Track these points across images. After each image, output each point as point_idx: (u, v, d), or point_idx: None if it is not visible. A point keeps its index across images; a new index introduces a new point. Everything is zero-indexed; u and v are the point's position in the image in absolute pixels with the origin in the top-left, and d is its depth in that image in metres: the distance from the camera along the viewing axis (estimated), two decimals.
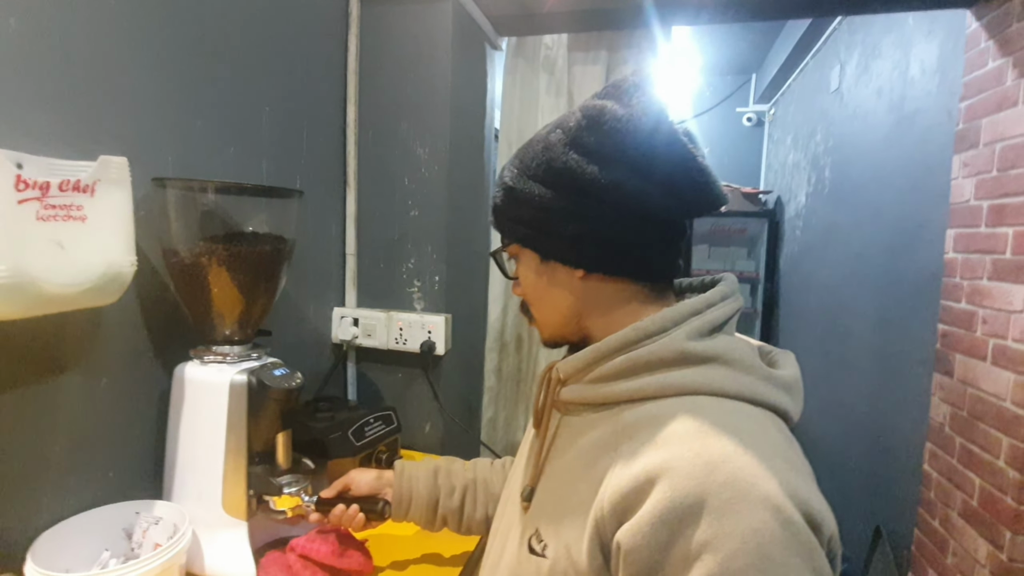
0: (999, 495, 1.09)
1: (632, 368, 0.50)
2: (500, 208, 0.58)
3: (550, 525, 0.52)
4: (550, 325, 0.59)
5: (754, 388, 0.48)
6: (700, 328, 0.50)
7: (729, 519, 0.39)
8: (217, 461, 0.82)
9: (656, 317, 0.50)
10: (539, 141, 0.55)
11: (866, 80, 2.23)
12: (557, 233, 0.54)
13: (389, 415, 1.11)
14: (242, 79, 0.99)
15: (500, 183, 0.58)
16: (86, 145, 0.72)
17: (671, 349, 0.49)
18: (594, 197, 0.51)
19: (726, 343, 0.50)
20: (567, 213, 0.52)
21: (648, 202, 0.51)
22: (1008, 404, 1.08)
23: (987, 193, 1.19)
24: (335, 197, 1.29)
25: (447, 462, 0.84)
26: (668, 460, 0.43)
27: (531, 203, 0.54)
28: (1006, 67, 1.14)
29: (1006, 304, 1.11)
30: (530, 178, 0.54)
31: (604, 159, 0.50)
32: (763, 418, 0.48)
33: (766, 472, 0.41)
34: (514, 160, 0.57)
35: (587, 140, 0.51)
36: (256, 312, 0.87)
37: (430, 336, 1.25)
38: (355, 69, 1.28)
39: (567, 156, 0.51)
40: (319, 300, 1.27)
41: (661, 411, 0.47)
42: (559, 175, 0.52)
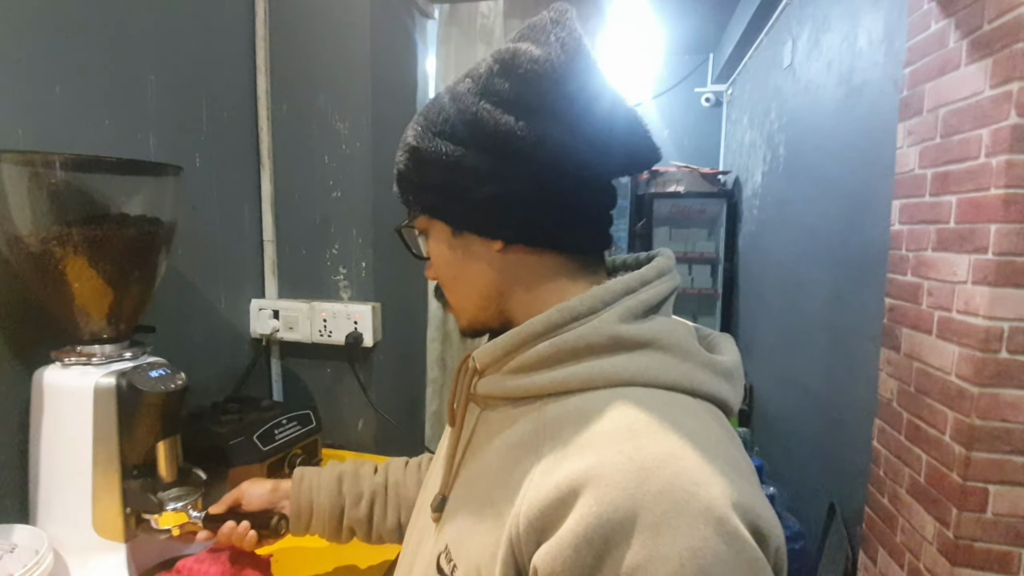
0: (945, 471, 1.07)
1: (556, 355, 0.43)
2: (403, 174, 0.50)
3: (461, 543, 0.44)
4: (467, 309, 0.52)
5: (693, 377, 0.42)
6: (634, 309, 0.43)
7: (665, 537, 0.33)
8: (85, 477, 0.71)
9: (584, 296, 0.43)
10: (446, 92, 0.47)
11: (817, 54, 2.20)
12: (470, 198, 0.46)
13: (307, 414, 1.01)
14: (117, 41, 0.87)
15: (403, 144, 0.50)
16: None
17: (601, 333, 0.42)
18: (511, 153, 0.44)
19: (662, 325, 0.43)
20: (481, 173, 0.45)
21: (575, 157, 0.44)
22: (953, 378, 1.05)
23: (931, 161, 1.15)
24: (247, 178, 1.18)
25: (354, 466, 0.75)
26: (594, 466, 0.36)
27: (438, 164, 0.46)
28: (948, 28, 1.10)
29: (950, 275, 1.07)
30: (436, 135, 0.46)
31: (521, 108, 0.43)
32: (703, 411, 0.42)
33: (707, 478, 0.35)
34: (418, 117, 0.49)
35: (500, 87, 0.44)
36: (128, 305, 0.76)
37: (356, 327, 1.16)
38: (264, 35, 1.16)
39: (478, 106, 0.44)
40: (233, 291, 1.16)
41: (588, 405, 0.41)
42: (469, 128, 0.45)
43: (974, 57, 1.01)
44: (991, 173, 0.97)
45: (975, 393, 0.99)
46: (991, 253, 0.96)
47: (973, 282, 1.00)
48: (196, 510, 0.74)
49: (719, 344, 0.49)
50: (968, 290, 1.02)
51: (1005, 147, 0.93)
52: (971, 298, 1.01)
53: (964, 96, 1.04)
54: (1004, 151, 0.94)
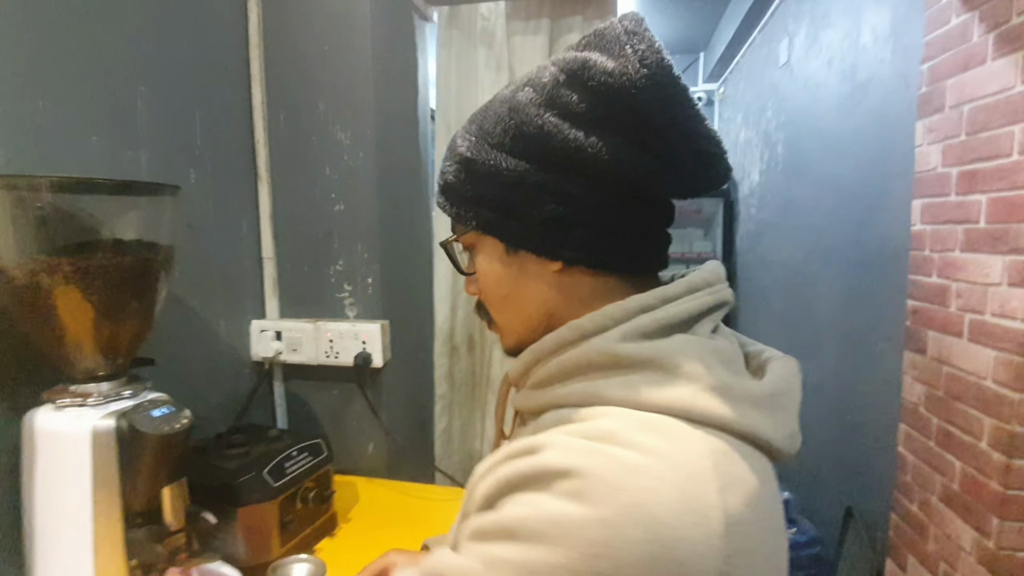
0: (983, 479, 1.03)
1: (561, 372, 0.43)
2: (453, 186, 0.47)
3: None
4: (516, 330, 0.50)
5: (691, 400, 0.37)
6: (643, 328, 0.41)
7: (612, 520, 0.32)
8: (85, 528, 0.65)
9: (596, 314, 0.42)
10: (503, 102, 0.45)
11: (816, 51, 2.18)
12: (530, 216, 0.44)
13: (317, 443, 0.95)
14: (105, 52, 0.81)
15: (453, 154, 0.47)
16: None
17: (600, 351, 0.41)
18: (578, 170, 0.42)
19: (672, 345, 0.40)
20: (543, 190, 0.43)
21: (647, 177, 0.42)
22: (989, 383, 1.02)
23: (956, 159, 1.11)
24: (245, 193, 1.11)
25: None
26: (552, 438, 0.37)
27: (496, 179, 0.44)
28: (971, 22, 1.06)
29: (982, 276, 1.04)
30: (493, 147, 0.44)
31: (590, 122, 0.41)
32: (697, 440, 0.36)
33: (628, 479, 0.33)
34: (470, 126, 0.47)
35: (568, 99, 0.41)
36: (126, 339, 0.69)
37: (365, 347, 1.10)
38: (258, 43, 1.10)
39: (542, 119, 0.42)
40: (233, 313, 1.10)
41: (572, 414, 0.40)
42: (532, 142, 0.42)
43: (1002, 51, 0.98)
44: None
45: (1015, 399, 0.96)
46: None
47: (1009, 284, 0.97)
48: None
49: (770, 369, 0.44)
50: (1004, 292, 0.98)
51: None
52: (1007, 301, 0.97)
53: (992, 92, 1.01)
54: None
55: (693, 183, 0.45)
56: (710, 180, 0.45)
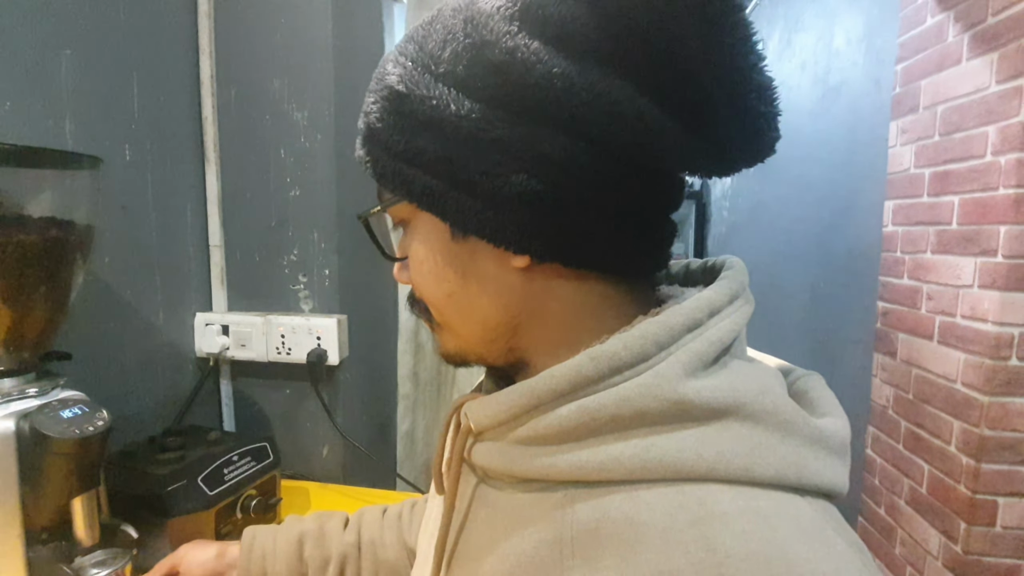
0: (951, 483, 1.02)
1: (588, 425, 0.28)
2: (378, 134, 0.32)
3: None
4: (460, 335, 0.36)
5: (801, 463, 0.27)
6: (702, 354, 0.28)
7: None
8: None
9: (630, 336, 0.28)
10: (456, 11, 0.30)
11: (789, 54, 2.19)
12: (487, 187, 0.30)
13: (263, 447, 0.87)
14: (21, 5, 0.72)
15: (377, 85, 0.32)
16: None
17: (659, 395, 0.27)
18: (562, 123, 0.28)
19: (746, 380, 0.29)
20: (508, 150, 0.29)
21: (661, 140, 0.29)
22: (959, 386, 1.01)
23: (929, 160, 1.11)
24: (190, 174, 1.02)
25: (318, 523, 0.62)
26: None
27: (439, 127, 0.29)
28: (946, 22, 1.06)
29: (953, 279, 1.03)
30: (437, 78, 0.30)
31: (588, 51, 0.27)
32: (823, 521, 0.27)
33: None
34: (406, 45, 0.32)
35: (557, 10, 0.27)
36: (32, 328, 0.61)
37: (319, 343, 1.02)
38: (208, 11, 1.01)
39: (514, 40, 0.27)
40: (174, 305, 1.01)
41: (643, 515, 0.26)
42: (497, 75, 0.28)
43: (977, 51, 0.97)
44: (999, 172, 0.92)
45: (984, 402, 0.95)
46: (1001, 256, 0.92)
47: (980, 286, 0.96)
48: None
49: (814, 395, 0.33)
50: (975, 294, 0.97)
51: (1016, 144, 0.89)
52: (978, 303, 0.97)
53: (966, 92, 1.00)
54: (1014, 149, 0.89)
55: (725, 155, 0.31)
56: (748, 152, 0.31)
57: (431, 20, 0.32)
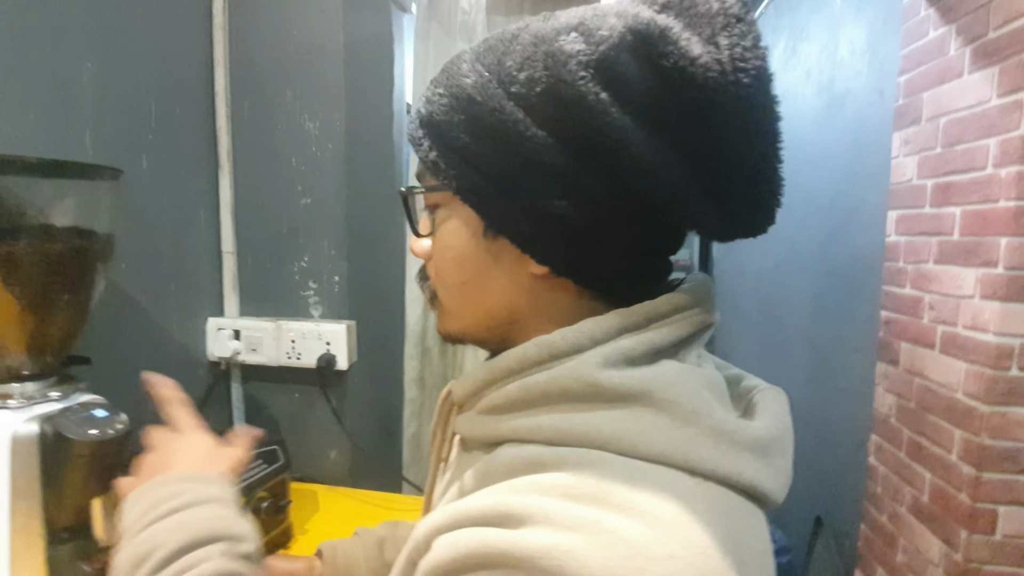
0: (952, 491, 1.03)
1: (525, 399, 0.34)
2: (439, 125, 0.36)
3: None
4: (464, 319, 0.41)
5: (690, 448, 0.31)
6: (627, 352, 0.33)
7: None
8: (1, 543, 0.59)
9: (570, 330, 0.34)
10: (538, 40, 0.33)
11: (794, 63, 2.20)
12: (531, 203, 0.34)
13: (274, 450, 0.89)
14: (47, 22, 0.74)
15: (451, 83, 0.35)
16: None
17: (577, 378, 0.33)
18: (610, 166, 0.32)
19: (663, 375, 0.33)
20: (559, 177, 0.33)
21: (685, 202, 0.33)
22: (960, 396, 1.02)
23: (931, 171, 1.12)
24: (204, 182, 1.05)
25: (391, 529, 0.65)
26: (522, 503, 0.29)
27: (503, 140, 0.33)
28: (948, 36, 1.07)
29: (955, 289, 1.04)
30: (511, 96, 0.33)
31: (643, 111, 0.31)
32: (698, 499, 0.30)
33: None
34: (484, 53, 0.35)
35: (627, 69, 0.30)
36: (56, 334, 0.63)
37: (329, 348, 1.04)
38: (223, 24, 1.04)
39: (588, 87, 0.30)
40: (187, 310, 1.03)
41: (546, 457, 0.31)
42: (566, 112, 0.31)
43: (978, 65, 0.98)
44: (1000, 184, 0.94)
45: (985, 412, 0.96)
46: (1002, 267, 0.93)
47: (982, 297, 0.97)
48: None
49: (761, 404, 0.37)
50: (976, 305, 0.99)
51: (1016, 158, 0.90)
52: (979, 313, 0.98)
53: (968, 105, 1.01)
54: (1015, 162, 0.91)
55: (731, 224, 0.36)
56: (749, 226, 0.36)
57: (512, 38, 0.35)
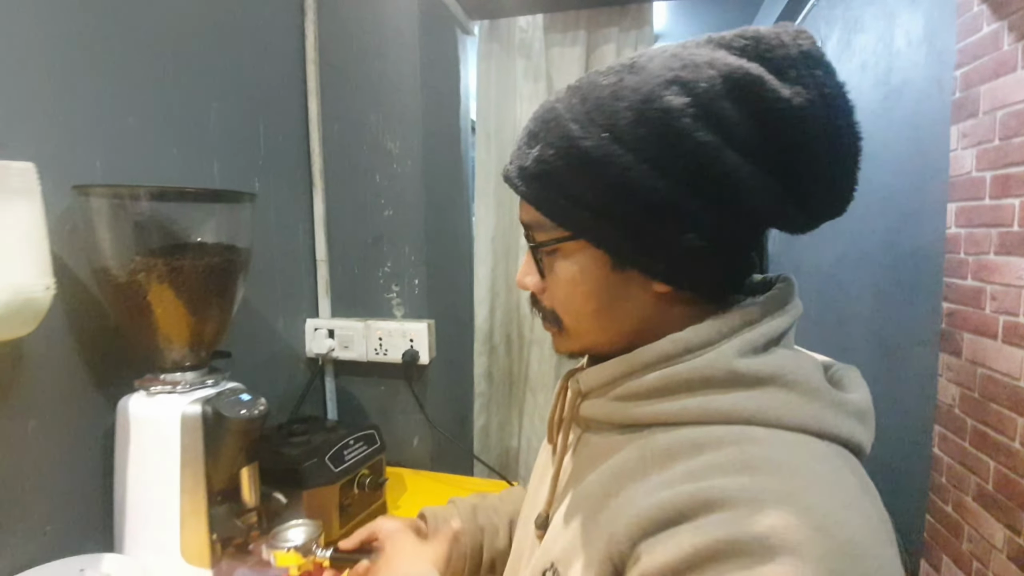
0: (1015, 478, 1.04)
1: (667, 387, 0.40)
2: (558, 181, 0.40)
3: (567, 562, 0.43)
4: (592, 339, 0.46)
5: (821, 418, 0.38)
6: (754, 342, 0.39)
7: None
8: (173, 504, 0.72)
9: (700, 327, 0.40)
10: (646, 99, 0.36)
11: (849, 55, 2.18)
12: (659, 242, 0.39)
13: (371, 434, 1.01)
14: (183, 71, 0.89)
15: (564, 142, 0.39)
16: None
17: (717, 367, 0.39)
18: (722, 199, 0.37)
19: (785, 360, 0.40)
20: (683, 217, 0.38)
21: (782, 215, 0.39)
22: (1022, 383, 1.03)
23: (989, 164, 1.13)
24: (301, 199, 1.19)
25: (482, 500, 0.72)
26: (705, 491, 0.34)
27: (628, 187, 0.37)
28: (1002, 31, 1.08)
29: (1016, 279, 1.05)
30: (631, 150, 0.37)
31: (745, 148, 0.36)
32: (834, 457, 0.37)
33: (832, 523, 0.32)
34: (593, 113, 0.38)
35: (728, 114, 0.36)
36: (209, 332, 0.77)
37: (412, 345, 1.16)
38: (314, 58, 1.17)
39: (701, 135, 0.35)
40: (289, 312, 1.17)
41: (703, 438, 0.38)
42: (683, 161, 0.36)
43: None
44: None
45: None
46: None
47: None
48: (319, 547, 0.69)
49: (847, 379, 0.44)
50: None
51: None
52: None
53: (1022, 99, 1.02)
54: None
55: (815, 219, 0.41)
56: (829, 215, 0.42)
57: (614, 95, 0.38)
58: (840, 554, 0.31)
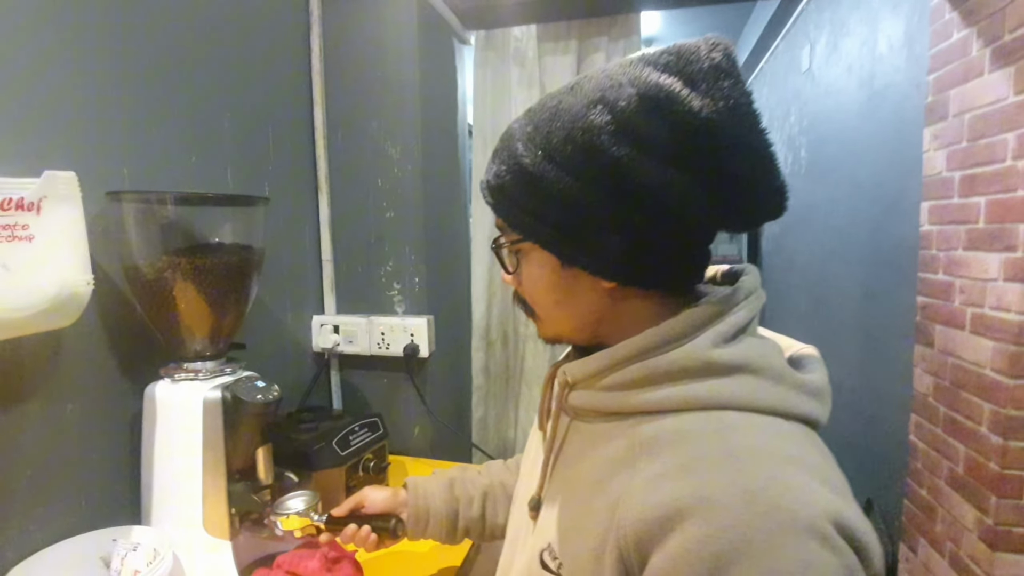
0: (983, 461, 1.11)
1: (649, 377, 0.44)
2: (508, 192, 0.46)
3: (565, 542, 0.47)
4: (560, 327, 0.52)
5: (786, 400, 0.43)
6: (725, 333, 0.44)
7: (774, 554, 0.35)
8: (195, 481, 0.79)
9: (675, 321, 0.44)
10: (573, 118, 0.42)
11: (836, 59, 2.24)
12: (590, 241, 0.44)
13: (375, 422, 1.08)
14: (199, 85, 0.96)
15: (511, 159, 0.45)
16: (29, 161, 0.69)
17: (694, 358, 0.43)
18: (647, 204, 0.42)
19: (753, 349, 0.44)
20: (610, 222, 0.43)
21: (711, 211, 0.43)
22: (988, 371, 1.09)
23: (958, 164, 1.19)
24: (307, 202, 1.26)
25: (460, 471, 0.79)
26: (699, 488, 0.38)
27: (557, 199, 0.43)
28: (971, 37, 1.14)
29: (982, 273, 1.12)
30: (560, 167, 0.43)
31: (665, 156, 0.40)
32: (798, 434, 0.43)
33: (808, 496, 0.37)
34: (533, 134, 0.45)
35: (644, 130, 0.40)
36: (227, 325, 0.84)
37: (413, 339, 1.23)
38: (320, 69, 1.24)
39: (616, 148, 0.40)
40: (297, 308, 1.25)
41: (685, 427, 0.42)
42: (602, 171, 0.41)
43: (997, 65, 1.06)
44: (1018, 175, 1.01)
45: (1010, 385, 1.03)
46: (1021, 251, 1.01)
47: (1004, 279, 1.05)
48: (316, 513, 0.77)
49: (805, 360, 0.49)
50: (1000, 287, 1.06)
51: None
52: (1003, 295, 1.05)
53: (989, 102, 1.09)
54: None
55: (757, 218, 0.46)
56: (764, 214, 0.46)
57: (552, 116, 0.44)
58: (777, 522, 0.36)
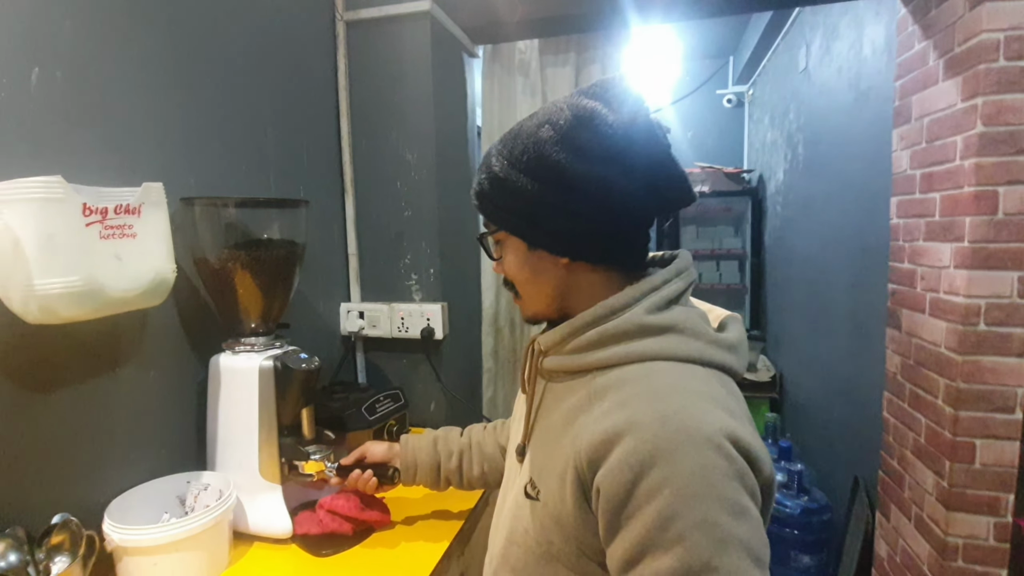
0: (940, 430, 1.24)
1: (600, 340, 0.57)
2: (487, 194, 0.61)
3: (541, 474, 0.60)
4: (535, 304, 0.65)
5: (702, 351, 0.56)
6: (657, 303, 0.57)
7: (680, 458, 0.48)
8: (252, 435, 0.96)
9: (620, 295, 0.57)
10: (528, 135, 0.57)
11: (828, 60, 2.35)
12: (545, 226, 0.58)
13: (397, 393, 1.25)
14: (246, 105, 1.13)
15: (487, 170, 0.60)
16: (125, 174, 0.86)
17: (632, 322, 0.56)
18: (582, 193, 0.55)
19: (679, 314, 0.57)
20: (556, 208, 0.57)
21: (631, 199, 0.57)
22: (943, 349, 1.22)
23: (919, 163, 1.32)
24: (336, 203, 1.43)
25: (444, 431, 0.96)
26: (630, 417, 0.51)
27: (520, 195, 0.57)
28: (929, 48, 1.27)
29: (937, 261, 1.24)
30: (520, 171, 0.57)
31: (593, 158, 0.55)
32: (709, 376, 0.55)
33: (708, 418, 0.50)
34: (502, 149, 0.60)
35: (576, 139, 0.55)
36: (276, 308, 1.01)
37: (429, 323, 1.39)
38: (346, 86, 1.41)
39: (558, 154, 0.55)
40: (328, 297, 1.41)
41: (624, 376, 0.55)
42: (549, 171, 0.55)
43: (949, 74, 1.19)
44: (964, 173, 1.14)
45: (959, 361, 1.16)
46: (967, 241, 1.13)
47: (955, 266, 1.18)
48: (330, 462, 0.96)
49: (729, 324, 0.63)
50: (951, 273, 1.19)
51: (974, 151, 1.11)
52: (953, 280, 1.18)
53: (942, 108, 1.21)
54: (973, 155, 1.11)
55: (668, 203, 0.60)
56: (681, 201, 0.60)
57: (515, 135, 0.60)
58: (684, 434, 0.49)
